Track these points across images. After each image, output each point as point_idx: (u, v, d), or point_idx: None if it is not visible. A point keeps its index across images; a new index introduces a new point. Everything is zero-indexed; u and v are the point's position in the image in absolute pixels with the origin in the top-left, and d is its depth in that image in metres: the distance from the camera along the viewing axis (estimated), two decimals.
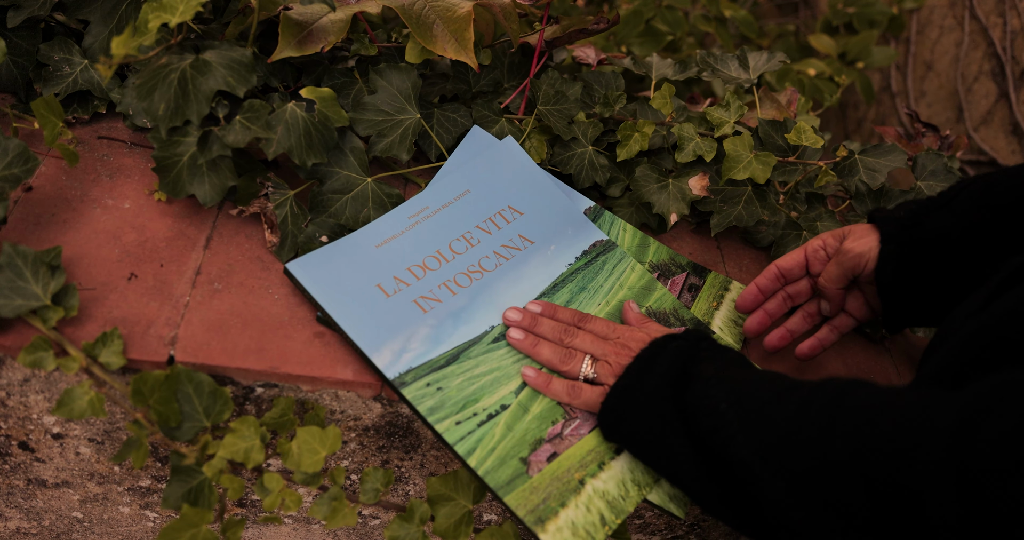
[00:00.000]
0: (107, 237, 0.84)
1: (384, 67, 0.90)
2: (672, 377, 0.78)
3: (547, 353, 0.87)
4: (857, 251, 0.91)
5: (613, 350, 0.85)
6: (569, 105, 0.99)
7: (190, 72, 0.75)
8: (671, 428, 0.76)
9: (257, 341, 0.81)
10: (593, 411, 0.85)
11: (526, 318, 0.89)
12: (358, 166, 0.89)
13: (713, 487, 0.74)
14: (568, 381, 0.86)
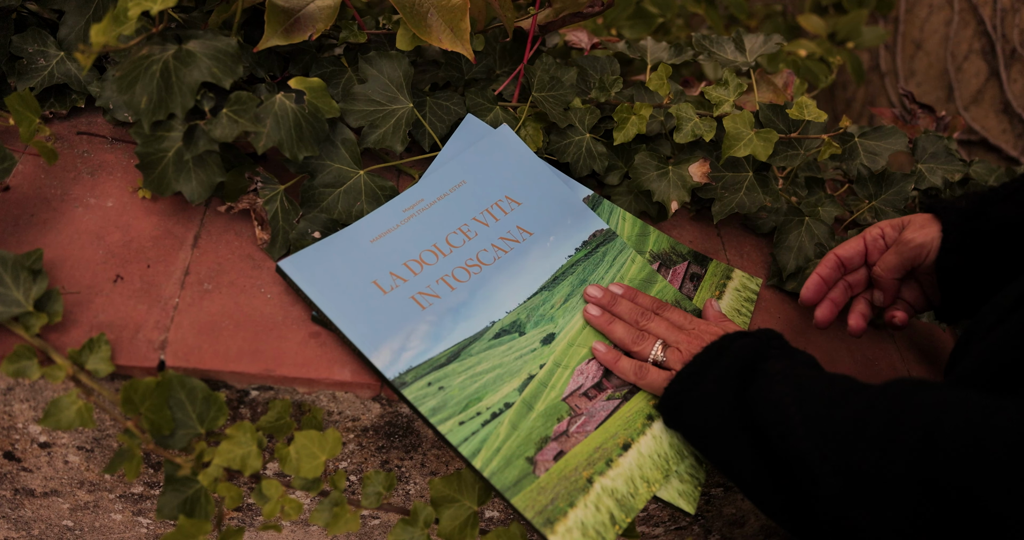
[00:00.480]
0: (90, 238, 0.80)
1: (374, 55, 0.87)
2: (737, 370, 0.78)
3: (620, 332, 0.88)
4: (919, 241, 0.91)
5: (686, 339, 0.85)
6: (564, 91, 0.96)
7: (173, 63, 0.71)
8: (731, 420, 0.77)
9: (250, 343, 0.78)
10: (656, 394, 0.86)
11: (606, 296, 0.91)
12: (350, 158, 0.85)
13: (767, 482, 0.74)
14: (636, 361, 0.87)
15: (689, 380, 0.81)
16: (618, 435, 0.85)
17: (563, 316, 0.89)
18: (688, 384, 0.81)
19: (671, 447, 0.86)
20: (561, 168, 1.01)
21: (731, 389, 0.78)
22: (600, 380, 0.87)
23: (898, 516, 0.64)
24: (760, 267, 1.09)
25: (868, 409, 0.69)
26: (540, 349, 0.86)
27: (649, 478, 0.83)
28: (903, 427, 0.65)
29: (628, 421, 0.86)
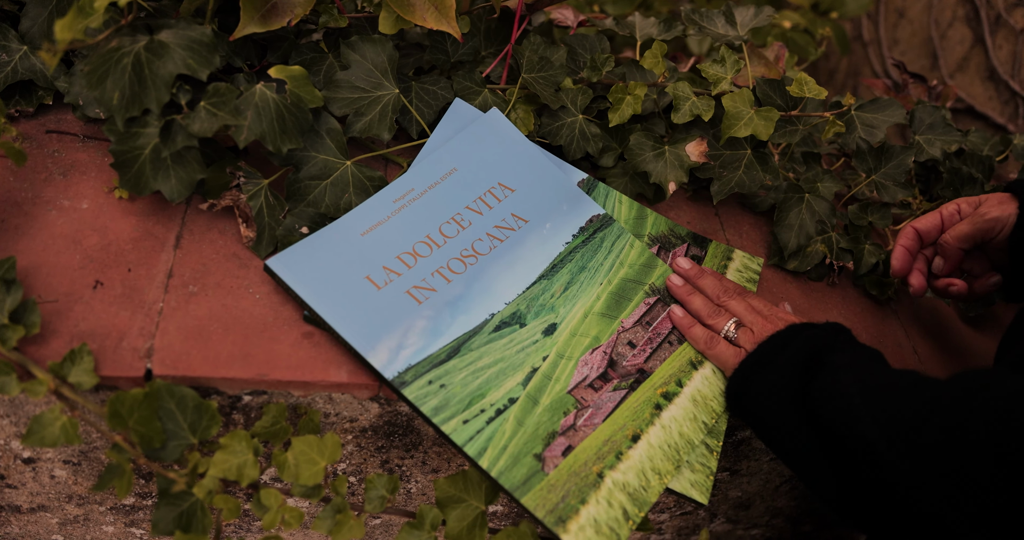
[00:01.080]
0: (66, 242, 0.76)
1: (356, 40, 0.83)
2: (802, 360, 0.80)
3: (699, 303, 0.90)
4: (994, 215, 0.92)
5: (761, 322, 0.86)
6: (555, 71, 0.92)
7: (145, 55, 0.67)
8: (792, 409, 0.78)
9: (241, 346, 0.74)
10: (720, 368, 0.88)
11: (694, 269, 0.94)
12: (336, 149, 0.82)
13: (826, 470, 0.76)
14: (709, 331, 0.89)
15: (756, 365, 0.83)
16: (627, 427, 0.82)
17: (564, 305, 0.86)
18: (756, 368, 0.83)
19: (681, 436, 0.83)
20: (553, 151, 0.98)
21: (795, 378, 0.79)
22: (605, 370, 0.84)
23: (969, 497, 0.65)
24: (760, 246, 1.06)
25: (938, 398, 0.70)
26: (542, 341, 0.83)
27: (660, 470, 0.81)
28: (976, 411, 0.67)
29: (636, 411, 0.83)
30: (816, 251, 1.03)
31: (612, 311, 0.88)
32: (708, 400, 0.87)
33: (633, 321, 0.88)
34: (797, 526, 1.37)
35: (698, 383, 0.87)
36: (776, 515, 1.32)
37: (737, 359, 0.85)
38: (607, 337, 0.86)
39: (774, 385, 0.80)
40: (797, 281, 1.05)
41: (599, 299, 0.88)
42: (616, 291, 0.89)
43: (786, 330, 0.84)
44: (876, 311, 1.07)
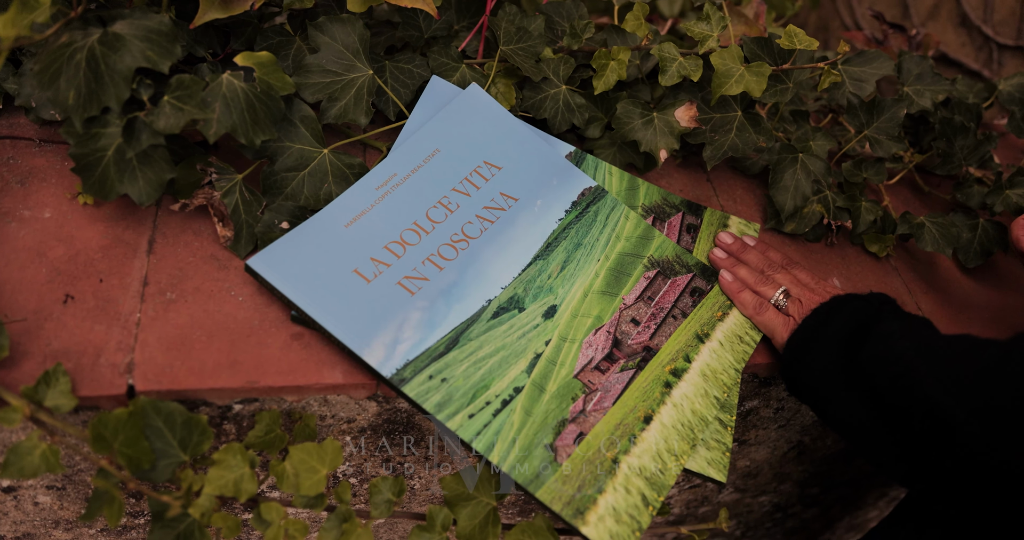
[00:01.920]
0: (30, 255, 0.71)
1: (324, 20, 0.78)
2: (848, 332, 0.80)
3: (744, 273, 0.90)
4: None
5: (808, 293, 0.86)
6: (533, 42, 0.88)
7: (100, 49, 0.61)
8: (841, 379, 0.78)
9: (227, 354, 0.70)
10: (769, 334, 0.87)
11: (737, 243, 0.93)
12: (311, 137, 0.77)
13: (882, 436, 0.76)
14: (759, 297, 0.88)
15: (804, 341, 0.82)
16: (638, 408, 0.78)
17: (562, 285, 0.82)
18: (804, 345, 0.82)
19: (694, 414, 0.80)
20: (537, 126, 0.93)
21: (842, 350, 0.79)
22: (611, 351, 0.81)
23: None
24: (755, 210, 1.03)
25: (1004, 355, 0.71)
26: (543, 324, 0.79)
27: (676, 450, 0.78)
28: None
29: (646, 391, 0.80)
30: (813, 212, 1.00)
31: (612, 288, 0.84)
32: (718, 374, 0.83)
33: (634, 297, 0.85)
34: (804, 490, 1.36)
35: (706, 357, 0.84)
36: (784, 481, 1.30)
37: (786, 328, 0.84)
38: (609, 316, 0.83)
39: (823, 359, 0.80)
40: (795, 243, 1.02)
41: (598, 276, 0.84)
42: (615, 267, 0.85)
43: (831, 302, 0.83)
44: (877, 268, 1.04)
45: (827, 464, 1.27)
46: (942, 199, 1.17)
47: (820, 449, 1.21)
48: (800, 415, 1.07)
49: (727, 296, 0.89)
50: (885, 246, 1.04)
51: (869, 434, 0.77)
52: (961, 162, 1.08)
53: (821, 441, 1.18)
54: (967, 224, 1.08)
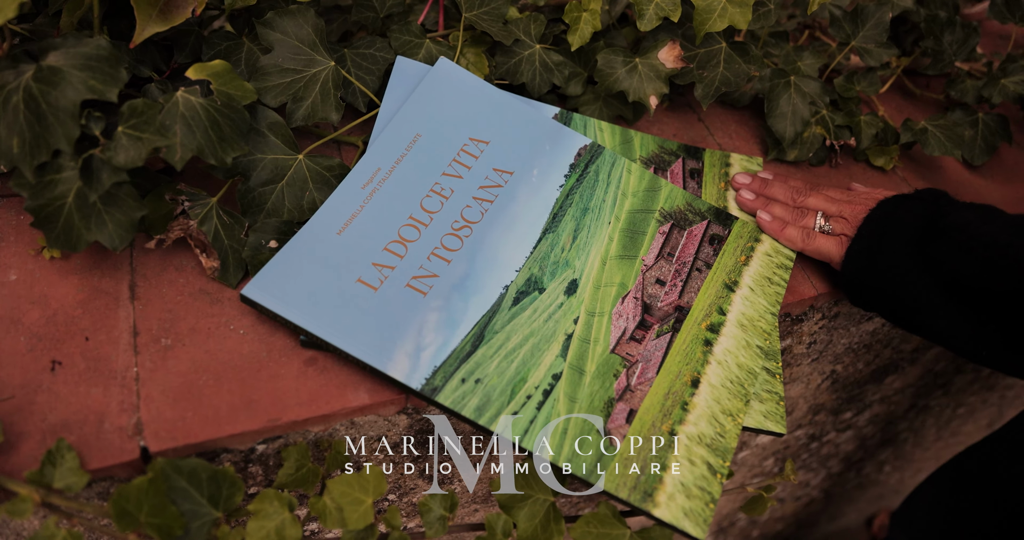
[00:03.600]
0: (3, 325, 0.64)
1: (272, 16, 0.70)
2: (915, 232, 0.78)
3: (779, 211, 0.87)
4: None
5: (848, 207, 0.84)
6: (497, 3, 0.81)
7: (37, 87, 0.54)
8: (916, 277, 0.77)
9: (240, 394, 0.64)
10: (825, 259, 0.84)
11: (755, 181, 0.89)
12: (283, 144, 0.70)
13: (971, 327, 0.76)
14: (804, 229, 0.85)
15: (866, 250, 0.80)
16: (683, 373, 0.74)
17: (578, 257, 0.77)
18: (867, 253, 0.80)
19: (740, 368, 0.75)
20: (516, 91, 0.87)
21: (913, 250, 0.78)
22: (642, 317, 0.75)
23: None
24: (753, 143, 0.97)
25: None
26: (567, 302, 0.74)
27: (731, 410, 0.73)
28: None
29: (687, 354, 0.75)
30: (814, 135, 0.95)
31: (630, 251, 0.79)
32: (755, 321, 0.78)
33: (654, 256, 0.79)
34: (838, 416, 1.34)
35: (740, 306, 0.79)
36: (818, 412, 1.27)
37: (841, 247, 0.82)
38: (633, 281, 0.77)
39: (893, 263, 0.78)
40: (800, 170, 0.97)
41: (612, 240, 0.79)
42: (627, 227, 0.80)
43: (880, 208, 0.82)
44: (887, 182, 1.00)
45: (858, 387, 1.24)
46: (935, 99, 1.13)
47: (852, 374, 1.17)
48: (832, 345, 1.03)
49: (771, 236, 0.86)
50: (890, 158, 1.00)
51: (951, 323, 0.77)
52: (951, 58, 1.03)
53: (853, 366, 1.15)
54: (967, 121, 1.04)
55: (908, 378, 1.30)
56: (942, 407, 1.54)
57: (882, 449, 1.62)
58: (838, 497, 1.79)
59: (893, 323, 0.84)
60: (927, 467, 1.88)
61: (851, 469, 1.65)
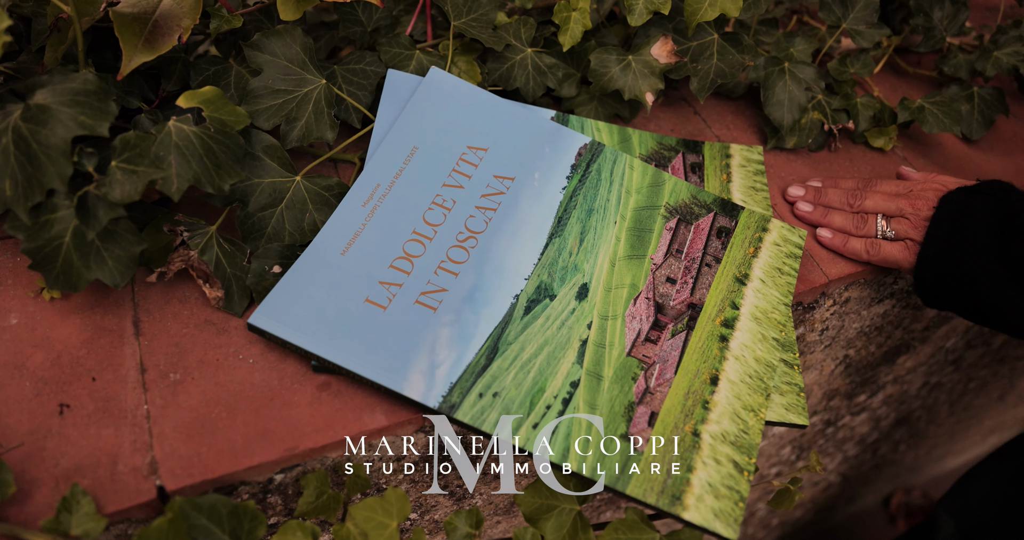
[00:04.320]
0: (7, 370, 0.62)
1: (259, 38, 0.69)
2: (993, 229, 0.76)
3: (839, 221, 0.85)
4: None
5: (908, 203, 0.82)
6: (485, 9, 0.80)
7: (26, 127, 0.53)
8: (1007, 281, 0.75)
9: (255, 425, 0.62)
10: (896, 267, 0.83)
11: (809, 192, 0.89)
12: (279, 167, 0.68)
13: None
14: (866, 239, 0.84)
15: (940, 255, 0.78)
16: (701, 371, 0.72)
17: (587, 260, 0.75)
18: (942, 259, 0.79)
19: (758, 362, 0.74)
20: (509, 97, 0.86)
21: (993, 253, 0.76)
22: (656, 317, 0.74)
23: None
24: (750, 133, 0.96)
25: None
26: (579, 307, 0.73)
27: (753, 405, 0.72)
28: None
29: (704, 352, 0.74)
30: (812, 120, 0.94)
31: (637, 250, 0.77)
32: (769, 313, 0.77)
33: (662, 254, 0.78)
34: (852, 400, 1.33)
35: (752, 299, 0.78)
36: (832, 397, 1.26)
37: (908, 253, 0.81)
38: (643, 281, 0.76)
39: (973, 264, 0.76)
40: (800, 157, 0.96)
41: (620, 240, 0.77)
42: (634, 225, 0.79)
43: (945, 207, 0.80)
44: (887, 162, 0.99)
45: (871, 370, 1.24)
46: (928, 76, 1.12)
47: (864, 358, 1.17)
48: (844, 330, 1.02)
49: (834, 252, 0.86)
50: (889, 138, 0.99)
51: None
52: (942, 34, 1.02)
53: (865, 349, 1.14)
54: (963, 96, 1.03)
55: (920, 357, 1.29)
56: (954, 383, 1.53)
57: (896, 429, 1.61)
58: (855, 480, 1.78)
59: (970, 320, 0.83)
60: (941, 443, 1.87)
61: (866, 451, 1.65)
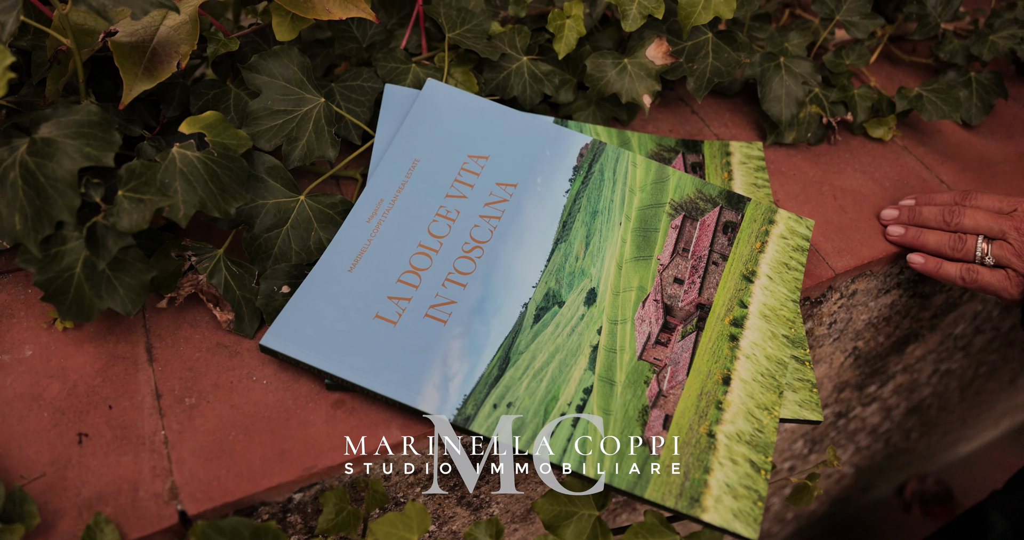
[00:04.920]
0: (25, 402, 0.63)
1: (257, 60, 0.69)
2: None
3: (934, 242, 0.82)
4: None
5: (1012, 226, 0.78)
6: (479, 20, 0.80)
7: (32, 161, 0.53)
8: None
9: (272, 446, 0.63)
10: (994, 294, 0.80)
11: (903, 212, 0.85)
12: (283, 187, 0.69)
13: None
14: (962, 264, 0.80)
15: None
16: (712, 371, 0.72)
17: (593, 264, 0.76)
18: None
19: (769, 360, 0.74)
20: (508, 105, 0.86)
21: None
22: (665, 319, 0.74)
23: None
24: (749, 129, 0.96)
25: None
26: (588, 312, 0.73)
27: (766, 403, 0.72)
28: None
29: (714, 352, 0.74)
30: (810, 114, 0.94)
31: (644, 251, 0.78)
32: (777, 310, 0.77)
33: (669, 254, 0.78)
34: (862, 391, 1.32)
35: (760, 296, 0.78)
36: (843, 389, 1.26)
37: (1011, 285, 0.77)
38: (651, 283, 0.76)
39: None
40: (800, 151, 0.96)
41: (625, 242, 0.78)
42: (639, 226, 0.79)
43: None
44: (887, 152, 0.99)
45: (880, 360, 1.24)
46: (924, 64, 1.12)
47: (873, 348, 1.17)
48: (852, 322, 1.02)
49: (929, 276, 0.83)
50: (889, 128, 0.99)
51: None
52: (936, 21, 1.02)
53: (874, 340, 1.14)
54: (960, 82, 1.03)
55: (929, 345, 1.29)
56: (964, 369, 1.53)
57: (908, 417, 1.61)
58: (868, 470, 1.78)
59: None
60: (953, 429, 1.87)
61: (878, 441, 1.64)
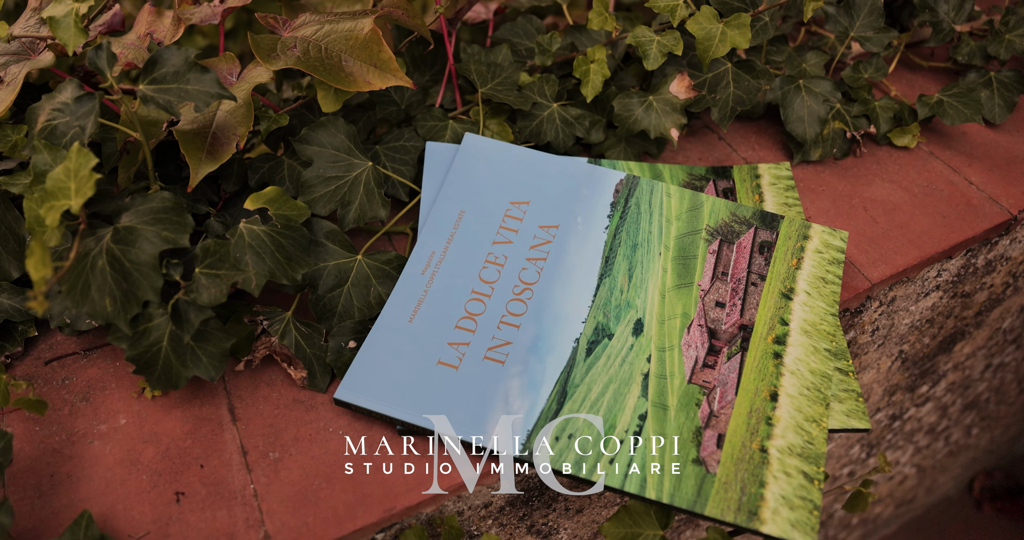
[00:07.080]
0: (124, 468, 0.68)
1: (307, 132, 0.75)
2: None
3: None
4: None
5: None
6: (508, 73, 0.85)
7: (117, 248, 0.59)
8: None
9: (353, 491, 0.67)
10: None
11: None
12: (341, 249, 0.74)
13: None
14: None
15: None
16: (760, 389, 0.76)
17: (638, 296, 0.79)
18: None
19: (814, 374, 0.77)
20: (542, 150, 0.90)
21: None
22: (710, 343, 0.78)
23: None
24: (777, 150, 1.00)
25: None
26: (637, 342, 0.77)
27: (814, 416, 0.75)
28: None
29: (760, 370, 0.77)
30: (834, 131, 0.97)
31: (684, 278, 0.81)
32: (818, 325, 0.81)
33: (709, 279, 0.82)
34: (915, 392, 1.34)
35: (800, 313, 0.81)
36: (894, 392, 1.27)
37: None
38: (694, 308, 0.80)
39: None
40: (827, 167, 0.99)
41: (667, 271, 0.81)
42: (678, 254, 0.82)
43: None
44: (914, 159, 1.01)
45: (929, 361, 1.25)
46: (943, 67, 1.14)
47: (920, 350, 1.18)
48: (895, 328, 1.04)
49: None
50: (913, 136, 1.01)
51: None
52: (950, 25, 1.05)
53: (919, 342, 1.15)
54: (980, 82, 1.05)
55: (977, 342, 1.30)
56: (1018, 361, 1.53)
57: (965, 413, 1.61)
58: (931, 469, 1.78)
59: None
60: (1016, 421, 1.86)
61: (938, 439, 1.65)
